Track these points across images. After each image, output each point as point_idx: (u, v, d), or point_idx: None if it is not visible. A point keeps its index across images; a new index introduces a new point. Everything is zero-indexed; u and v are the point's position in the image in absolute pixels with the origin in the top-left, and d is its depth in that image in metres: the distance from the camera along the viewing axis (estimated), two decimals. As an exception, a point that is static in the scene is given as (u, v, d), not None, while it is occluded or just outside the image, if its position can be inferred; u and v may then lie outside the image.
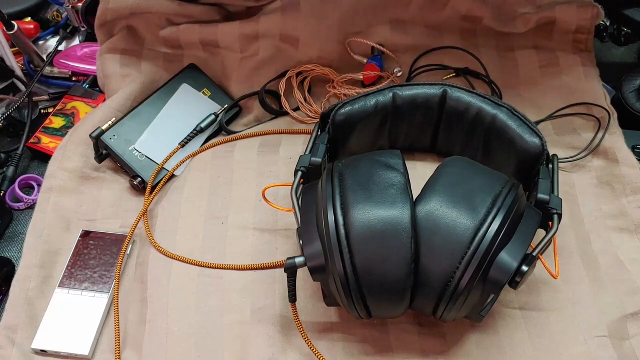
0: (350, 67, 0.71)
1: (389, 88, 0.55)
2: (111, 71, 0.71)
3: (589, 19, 0.69)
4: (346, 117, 0.54)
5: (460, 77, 0.71)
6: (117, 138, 0.64)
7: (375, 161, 0.46)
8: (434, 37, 0.72)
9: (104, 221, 0.61)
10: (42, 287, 0.56)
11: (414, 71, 0.72)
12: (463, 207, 0.42)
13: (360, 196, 0.43)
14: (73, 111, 0.72)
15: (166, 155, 0.64)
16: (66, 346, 0.52)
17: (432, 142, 0.60)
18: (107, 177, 0.65)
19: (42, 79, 0.77)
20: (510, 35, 0.71)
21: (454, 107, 0.55)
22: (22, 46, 0.75)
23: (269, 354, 0.49)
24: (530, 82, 0.70)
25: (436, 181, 0.45)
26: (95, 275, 0.56)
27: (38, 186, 0.66)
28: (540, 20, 0.70)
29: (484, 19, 0.70)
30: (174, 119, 0.67)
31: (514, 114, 0.51)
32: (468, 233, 0.41)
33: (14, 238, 0.63)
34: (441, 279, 0.42)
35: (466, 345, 0.50)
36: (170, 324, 0.52)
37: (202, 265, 0.55)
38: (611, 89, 0.72)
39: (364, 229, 0.42)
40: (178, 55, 0.73)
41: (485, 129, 0.53)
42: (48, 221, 0.60)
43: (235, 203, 0.59)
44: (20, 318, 0.53)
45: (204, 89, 0.71)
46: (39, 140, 0.69)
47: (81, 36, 0.82)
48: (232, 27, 0.70)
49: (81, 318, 0.54)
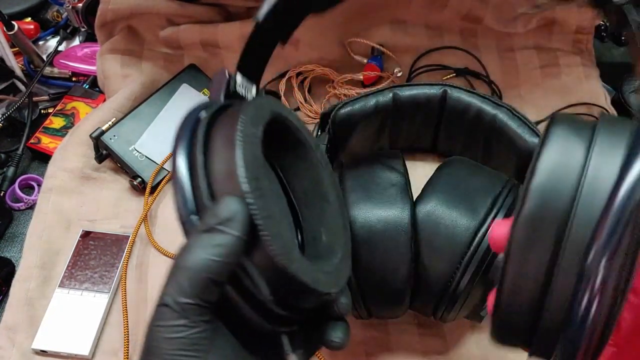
0: (350, 67, 0.71)
1: (389, 88, 0.55)
2: (111, 71, 0.71)
3: (589, 19, 0.69)
4: (346, 117, 0.54)
5: (460, 77, 0.71)
6: (117, 138, 0.64)
7: (375, 161, 0.46)
8: (434, 37, 0.72)
9: (104, 221, 0.61)
10: (42, 287, 0.56)
11: (414, 71, 0.72)
12: (463, 207, 0.42)
13: (360, 196, 0.43)
14: (73, 111, 0.72)
15: (166, 155, 0.64)
16: (66, 346, 0.52)
17: (432, 142, 0.60)
18: (107, 177, 0.65)
19: (42, 79, 0.76)
20: (511, 35, 0.71)
21: (454, 107, 0.55)
22: (22, 46, 0.75)
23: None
24: (530, 82, 0.70)
25: (436, 181, 0.45)
26: (96, 275, 0.56)
27: (38, 186, 0.66)
28: (540, 20, 0.70)
29: (484, 19, 0.70)
30: (174, 119, 0.66)
31: (514, 114, 0.51)
32: (468, 233, 0.41)
33: (14, 238, 0.63)
34: (441, 279, 0.42)
35: (466, 345, 0.50)
36: (170, 324, 0.52)
37: (202, 265, 0.55)
38: (611, 89, 0.72)
39: (363, 229, 0.42)
40: (178, 55, 0.73)
41: (486, 129, 0.53)
42: (48, 221, 0.60)
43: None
44: (20, 318, 0.53)
45: (204, 89, 0.71)
46: (39, 140, 0.69)
47: (81, 36, 0.81)
48: (232, 27, 0.70)
49: (81, 318, 0.54)
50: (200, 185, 0.30)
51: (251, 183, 0.28)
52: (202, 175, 0.30)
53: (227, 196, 0.28)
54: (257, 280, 0.29)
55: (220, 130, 0.32)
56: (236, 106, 0.33)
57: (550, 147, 0.24)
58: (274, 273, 0.29)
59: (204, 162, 0.30)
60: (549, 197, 0.24)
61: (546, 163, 0.24)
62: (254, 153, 0.30)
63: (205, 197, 0.29)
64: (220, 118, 0.33)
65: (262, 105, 0.34)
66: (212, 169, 0.30)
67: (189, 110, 0.34)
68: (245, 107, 0.31)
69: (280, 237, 0.29)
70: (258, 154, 0.30)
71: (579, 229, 0.23)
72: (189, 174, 0.30)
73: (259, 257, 0.29)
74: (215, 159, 0.30)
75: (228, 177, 0.29)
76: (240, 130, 0.30)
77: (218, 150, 0.30)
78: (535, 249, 0.24)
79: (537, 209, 0.24)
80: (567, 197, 0.23)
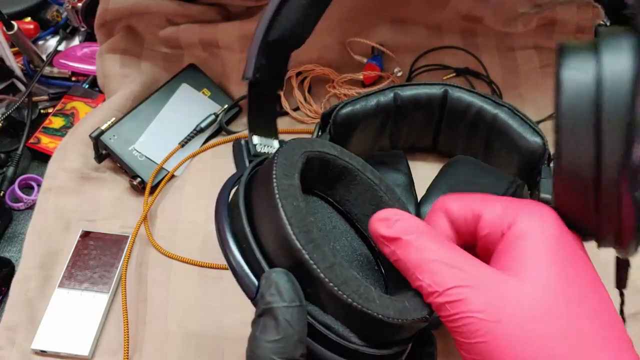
0: (350, 67, 0.71)
1: (389, 88, 0.55)
2: (111, 71, 0.71)
3: (589, 19, 0.69)
4: (347, 117, 0.54)
5: (460, 77, 0.71)
6: (116, 138, 0.64)
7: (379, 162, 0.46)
8: (434, 37, 0.72)
9: (104, 221, 0.61)
10: (41, 287, 0.56)
11: (414, 71, 0.72)
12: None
13: None
14: (73, 111, 0.72)
15: (166, 155, 0.64)
16: (66, 346, 0.52)
17: (433, 142, 0.60)
18: (107, 177, 0.65)
19: (42, 79, 0.76)
20: (511, 35, 0.71)
21: (454, 107, 0.55)
22: (22, 46, 0.75)
23: (269, 354, 0.49)
24: (530, 82, 0.70)
25: (441, 181, 0.45)
26: (95, 275, 0.56)
27: (38, 186, 0.66)
28: (540, 20, 0.70)
29: (484, 18, 0.70)
30: (173, 119, 0.67)
31: (515, 113, 0.51)
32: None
33: (14, 238, 0.63)
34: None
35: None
36: (170, 324, 0.52)
37: (202, 265, 0.55)
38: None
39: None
40: (178, 55, 0.73)
41: (487, 128, 0.53)
42: (48, 221, 0.60)
43: (235, 203, 0.59)
44: (20, 318, 0.53)
45: (204, 88, 0.71)
46: (38, 140, 0.69)
47: (81, 36, 0.81)
48: (232, 27, 0.70)
49: (81, 318, 0.53)
50: (257, 258, 0.29)
51: (301, 238, 0.28)
52: (256, 249, 0.29)
53: (265, 274, 0.28)
54: (342, 332, 0.28)
55: (258, 193, 0.31)
56: (266, 164, 0.32)
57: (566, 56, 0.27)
58: (357, 318, 0.28)
59: (252, 232, 0.30)
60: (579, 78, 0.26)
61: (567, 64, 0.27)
62: (296, 206, 0.29)
63: (265, 267, 0.29)
64: (254, 182, 0.32)
65: (290, 152, 0.32)
66: (263, 239, 0.29)
67: (223, 187, 0.34)
68: (275, 160, 0.31)
69: (349, 281, 0.28)
70: (301, 205, 0.29)
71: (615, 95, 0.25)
72: (242, 256, 0.30)
73: (336, 308, 0.28)
74: (261, 226, 0.30)
75: (279, 240, 0.28)
76: (276, 186, 0.29)
77: (262, 216, 0.30)
78: (580, 117, 0.26)
79: (572, 91, 0.26)
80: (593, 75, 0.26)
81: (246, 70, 0.35)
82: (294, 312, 0.27)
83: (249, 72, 0.35)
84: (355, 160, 0.37)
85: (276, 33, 0.35)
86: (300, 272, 0.28)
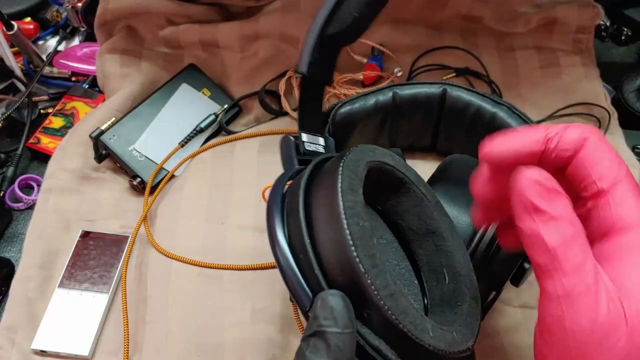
0: (350, 67, 0.71)
1: (388, 87, 0.55)
2: (111, 71, 0.71)
3: (589, 18, 0.69)
4: (346, 117, 0.54)
5: (460, 77, 0.71)
6: (116, 138, 0.64)
7: None
8: (434, 37, 0.72)
9: (104, 221, 0.61)
10: (41, 287, 0.56)
11: (414, 71, 0.72)
12: (464, 204, 0.42)
13: None
14: (72, 111, 0.72)
15: (166, 155, 0.64)
16: (66, 346, 0.52)
17: (432, 141, 0.60)
18: (107, 177, 0.65)
19: (42, 79, 0.76)
20: (511, 35, 0.71)
21: (453, 106, 0.55)
22: (22, 46, 0.75)
23: (269, 354, 0.49)
24: (531, 82, 0.70)
25: (437, 179, 0.45)
26: (95, 275, 0.56)
27: (37, 186, 0.66)
28: (540, 20, 0.70)
29: (484, 18, 0.70)
30: (173, 119, 0.67)
31: (513, 112, 0.51)
32: (470, 229, 0.41)
33: (14, 238, 0.63)
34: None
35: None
36: (170, 324, 0.52)
37: (202, 265, 0.55)
38: (611, 89, 0.72)
39: None
40: (178, 55, 0.73)
41: (485, 127, 0.53)
42: (48, 221, 0.60)
43: (235, 203, 0.59)
44: (20, 318, 0.53)
45: (204, 88, 0.71)
46: (38, 140, 0.69)
47: (81, 36, 0.81)
48: (232, 27, 0.70)
49: (81, 318, 0.53)
50: (314, 273, 0.29)
51: (365, 262, 0.27)
52: (315, 264, 0.29)
53: (322, 294, 0.28)
54: (391, 357, 0.28)
55: (320, 204, 0.30)
56: (328, 172, 0.31)
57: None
58: (408, 346, 0.28)
59: (311, 244, 0.29)
60: None
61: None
62: (362, 226, 0.28)
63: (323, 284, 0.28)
64: (315, 190, 0.31)
65: (355, 164, 0.32)
66: (322, 253, 0.29)
67: (274, 187, 0.32)
68: (340, 171, 0.30)
69: (408, 311, 0.28)
70: (366, 226, 0.29)
71: None
72: (296, 261, 0.29)
73: (389, 334, 0.28)
74: (322, 240, 0.29)
75: (341, 260, 0.28)
76: (342, 202, 0.28)
77: (324, 231, 0.29)
78: None
79: None
80: None
81: (300, 65, 0.35)
82: (346, 338, 0.27)
83: (304, 66, 0.34)
84: (411, 172, 0.37)
85: (334, 28, 0.35)
86: (358, 294, 0.28)
